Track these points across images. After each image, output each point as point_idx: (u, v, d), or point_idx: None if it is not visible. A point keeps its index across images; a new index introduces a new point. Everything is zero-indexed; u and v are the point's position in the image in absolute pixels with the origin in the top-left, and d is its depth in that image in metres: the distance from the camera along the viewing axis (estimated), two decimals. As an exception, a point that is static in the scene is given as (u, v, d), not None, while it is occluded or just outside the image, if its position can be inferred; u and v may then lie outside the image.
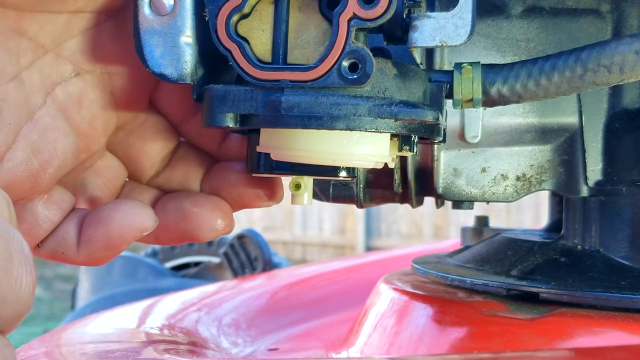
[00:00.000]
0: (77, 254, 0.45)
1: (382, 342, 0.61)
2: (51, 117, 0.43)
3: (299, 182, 0.45)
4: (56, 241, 0.45)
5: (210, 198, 0.48)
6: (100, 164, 0.48)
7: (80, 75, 0.45)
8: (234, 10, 0.42)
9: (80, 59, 0.44)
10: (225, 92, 0.42)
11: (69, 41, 0.44)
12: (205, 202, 0.47)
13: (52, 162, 0.43)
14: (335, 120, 0.41)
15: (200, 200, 0.47)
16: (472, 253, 0.68)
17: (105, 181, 0.48)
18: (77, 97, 0.45)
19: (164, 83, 0.46)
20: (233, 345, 0.79)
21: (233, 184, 0.48)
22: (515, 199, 0.60)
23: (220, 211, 0.48)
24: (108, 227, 0.44)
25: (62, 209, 0.45)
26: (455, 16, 0.42)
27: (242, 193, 0.48)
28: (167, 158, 0.50)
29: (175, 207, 0.48)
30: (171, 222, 0.47)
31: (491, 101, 0.47)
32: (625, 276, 0.55)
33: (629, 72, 0.45)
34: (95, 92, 0.45)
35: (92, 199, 0.48)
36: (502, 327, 0.53)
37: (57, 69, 0.44)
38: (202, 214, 0.47)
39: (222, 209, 0.48)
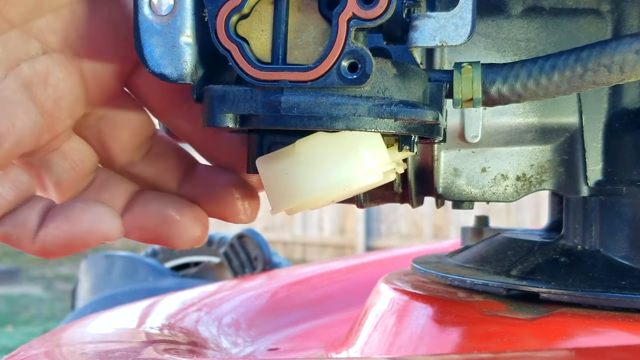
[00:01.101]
0: (32, 243, 0.44)
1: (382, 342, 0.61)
2: (11, 92, 0.43)
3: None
4: (13, 224, 0.44)
5: (192, 207, 0.47)
6: (67, 147, 0.47)
7: (48, 54, 0.44)
8: (233, 10, 0.42)
9: (49, 38, 0.44)
10: (225, 92, 0.42)
11: (38, 19, 0.43)
12: (188, 211, 0.47)
13: (8, 137, 0.42)
14: (335, 120, 0.41)
15: (183, 208, 0.47)
16: (472, 253, 0.68)
17: (73, 164, 0.47)
18: (44, 75, 0.44)
19: (143, 70, 0.45)
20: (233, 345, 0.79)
21: (217, 198, 0.48)
22: (516, 198, 0.60)
23: (200, 222, 0.47)
24: (74, 228, 0.43)
25: (17, 189, 0.44)
26: (455, 16, 0.42)
27: (224, 209, 0.48)
28: (142, 148, 0.49)
29: (156, 210, 0.47)
30: (150, 224, 0.47)
31: (491, 101, 0.47)
32: (625, 276, 0.55)
33: (629, 71, 0.45)
34: (63, 72, 0.44)
35: (58, 181, 0.47)
36: (502, 327, 0.53)
37: (23, 45, 0.43)
38: (184, 222, 0.47)
39: (202, 220, 0.48)
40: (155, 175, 0.49)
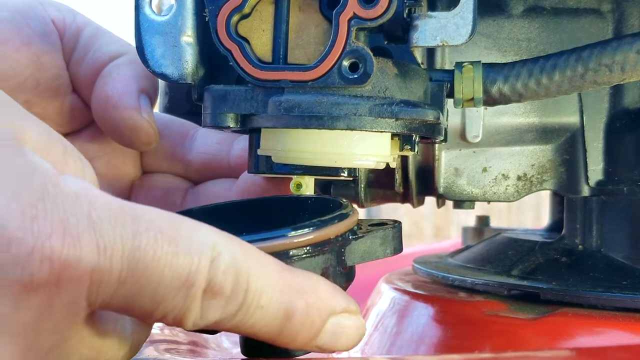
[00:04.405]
0: None
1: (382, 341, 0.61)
2: None
3: (300, 182, 0.45)
4: None
5: None
6: None
7: None
8: (234, 10, 0.42)
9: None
10: (226, 92, 0.42)
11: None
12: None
13: None
14: (336, 120, 0.41)
15: None
16: (473, 253, 0.68)
17: None
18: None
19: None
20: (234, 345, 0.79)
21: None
22: (516, 198, 0.60)
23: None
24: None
25: None
26: (456, 16, 0.42)
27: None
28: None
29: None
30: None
31: (492, 100, 0.47)
32: (626, 276, 0.55)
33: (630, 71, 0.45)
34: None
35: None
36: (503, 327, 0.53)
37: None
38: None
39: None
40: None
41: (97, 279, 0.30)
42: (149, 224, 0.31)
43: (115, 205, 0.31)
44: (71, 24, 0.53)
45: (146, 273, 0.31)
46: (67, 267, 0.29)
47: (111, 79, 0.51)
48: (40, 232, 0.29)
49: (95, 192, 0.31)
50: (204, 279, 0.32)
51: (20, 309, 0.29)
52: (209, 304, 0.32)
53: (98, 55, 0.52)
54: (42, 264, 0.29)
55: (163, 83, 0.63)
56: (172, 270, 0.31)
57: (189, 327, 0.33)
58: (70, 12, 0.53)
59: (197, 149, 0.55)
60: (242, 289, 0.33)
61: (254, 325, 0.34)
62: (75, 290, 0.30)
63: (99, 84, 0.51)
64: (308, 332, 0.35)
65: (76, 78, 0.53)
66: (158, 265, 0.31)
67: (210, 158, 0.55)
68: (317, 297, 0.35)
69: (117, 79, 0.51)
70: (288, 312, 0.34)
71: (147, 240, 0.31)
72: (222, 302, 0.33)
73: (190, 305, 0.32)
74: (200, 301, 0.32)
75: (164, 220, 0.32)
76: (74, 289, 0.30)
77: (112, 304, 0.32)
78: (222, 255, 0.32)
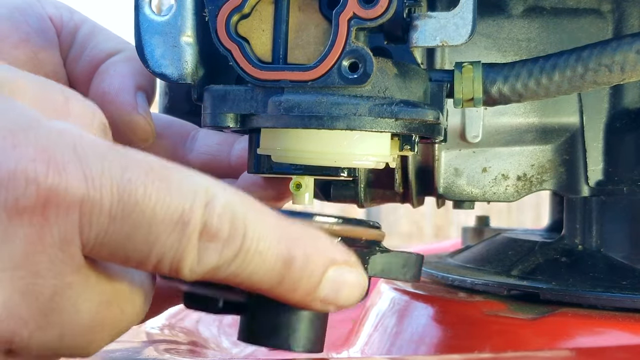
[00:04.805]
0: None
1: (382, 342, 0.61)
2: None
3: (300, 182, 0.45)
4: None
5: None
6: None
7: None
8: (234, 10, 0.42)
9: None
10: (226, 92, 0.43)
11: None
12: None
13: None
14: (336, 120, 0.41)
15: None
16: (473, 253, 0.68)
17: None
18: None
19: None
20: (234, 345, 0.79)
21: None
22: (516, 198, 0.60)
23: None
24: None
25: None
26: (456, 16, 0.42)
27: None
28: None
29: None
30: None
31: (492, 100, 0.47)
32: (626, 276, 0.55)
33: (630, 71, 0.45)
34: None
35: None
36: (503, 327, 0.53)
37: None
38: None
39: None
40: None
41: (87, 211, 0.29)
42: (139, 161, 0.31)
43: (103, 143, 0.31)
44: (68, 21, 0.53)
45: (137, 208, 0.30)
46: (54, 193, 0.28)
47: (108, 76, 0.51)
48: (23, 156, 0.28)
49: (82, 132, 0.30)
50: (198, 220, 0.31)
51: (8, 239, 0.28)
52: (205, 246, 0.32)
53: (95, 52, 0.52)
54: (27, 186, 0.28)
55: (163, 83, 0.63)
56: (165, 207, 0.30)
57: (187, 273, 0.32)
58: (67, 9, 0.54)
59: (197, 149, 0.56)
60: (239, 234, 0.32)
61: (253, 274, 0.33)
62: (65, 221, 0.29)
63: (96, 80, 0.51)
64: (308, 282, 0.35)
65: (73, 75, 0.53)
66: (150, 201, 0.30)
67: (210, 159, 0.55)
68: (316, 247, 0.35)
69: (114, 75, 0.51)
70: (287, 259, 0.34)
71: (137, 175, 0.30)
72: (219, 246, 0.32)
73: (186, 247, 0.31)
74: (196, 243, 0.31)
75: (155, 161, 0.31)
76: (64, 221, 0.29)
77: (105, 245, 0.31)
78: (217, 198, 0.32)
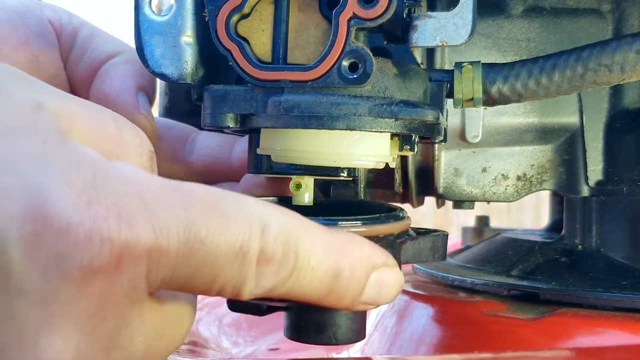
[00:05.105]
0: None
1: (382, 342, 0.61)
2: None
3: (300, 182, 0.45)
4: None
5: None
6: None
7: None
8: (233, 10, 0.42)
9: None
10: (225, 92, 0.42)
11: None
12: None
13: None
14: (336, 120, 0.41)
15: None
16: (473, 253, 0.68)
17: None
18: None
19: None
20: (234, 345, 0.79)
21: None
22: (516, 198, 0.60)
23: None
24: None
25: None
26: (456, 16, 0.42)
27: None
28: None
29: None
30: None
31: (492, 100, 0.47)
32: (626, 276, 0.55)
33: (629, 71, 0.45)
34: None
35: None
36: (503, 327, 0.53)
37: None
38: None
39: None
40: None
41: (156, 258, 0.31)
42: (199, 199, 0.32)
43: (165, 186, 0.32)
44: (67, 24, 0.53)
45: (202, 247, 0.32)
46: (126, 248, 0.30)
47: (109, 77, 0.51)
48: (97, 215, 0.29)
49: (143, 175, 0.32)
50: (256, 248, 0.33)
51: (82, 295, 0.30)
52: (262, 271, 0.34)
53: (95, 54, 0.52)
54: (102, 247, 0.29)
55: (163, 83, 0.63)
56: (226, 241, 0.32)
57: (246, 296, 0.34)
58: (66, 13, 0.54)
59: (198, 151, 0.56)
60: (292, 253, 0.34)
61: (305, 288, 0.35)
62: (134, 271, 0.31)
63: (97, 82, 0.52)
64: (354, 289, 0.37)
65: (73, 77, 0.53)
66: (213, 238, 0.32)
67: (211, 161, 0.55)
68: (360, 254, 0.37)
69: (115, 77, 0.51)
70: (336, 271, 0.36)
71: (199, 215, 0.32)
72: (275, 268, 0.34)
73: (247, 274, 0.33)
74: (255, 269, 0.33)
75: (212, 194, 0.33)
76: (134, 270, 0.31)
77: (172, 282, 0.32)
78: (271, 223, 0.34)
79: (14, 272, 0.29)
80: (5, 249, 0.29)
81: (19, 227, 0.29)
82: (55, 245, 0.29)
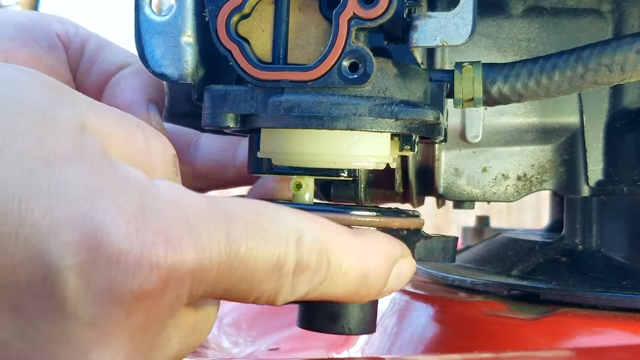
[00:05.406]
0: None
1: (383, 342, 0.61)
2: None
3: (300, 182, 0.45)
4: None
5: None
6: None
7: None
8: (234, 10, 0.42)
9: None
10: (226, 92, 0.42)
11: None
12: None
13: None
14: (336, 120, 0.41)
15: None
16: (473, 253, 0.68)
17: None
18: None
19: None
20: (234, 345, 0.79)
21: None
22: (516, 198, 0.60)
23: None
24: None
25: None
26: (456, 16, 0.42)
27: None
28: None
29: None
30: None
31: (492, 100, 0.47)
32: (626, 276, 0.55)
33: (630, 71, 0.45)
34: None
35: None
36: (503, 327, 0.53)
37: None
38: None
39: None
40: None
41: (198, 277, 0.32)
42: (238, 217, 0.34)
43: (205, 205, 0.33)
44: (75, 36, 0.53)
45: (242, 264, 0.33)
46: (172, 272, 0.31)
47: (119, 89, 0.51)
48: (146, 241, 0.31)
49: (185, 194, 0.34)
50: (292, 260, 0.35)
51: (131, 316, 0.32)
52: (297, 280, 0.35)
53: (104, 66, 0.53)
54: (150, 272, 0.31)
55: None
56: (264, 256, 0.34)
57: (280, 303, 0.36)
58: (73, 25, 0.54)
59: (202, 156, 0.56)
60: (324, 261, 0.36)
61: (336, 291, 0.37)
62: (178, 290, 0.32)
63: (107, 94, 0.52)
64: (380, 285, 0.39)
65: (83, 90, 0.53)
66: (251, 254, 0.33)
67: (216, 165, 0.56)
68: (383, 253, 0.39)
69: (125, 88, 0.51)
70: (364, 272, 0.38)
71: (239, 233, 0.33)
72: (309, 277, 0.36)
73: (283, 285, 0.35)
74: (290, 279, 0.35)
75: (249, 210, 0.34)
76: (178, 290, 0.32)
77: (212, 295, 0.34)
78: (305, 234, 0.35)
79: (69, 297, 0.30)
80: (60, 275, 0.30)
81: (74, 254, 0.30)
82: (107, 272, 0.31)
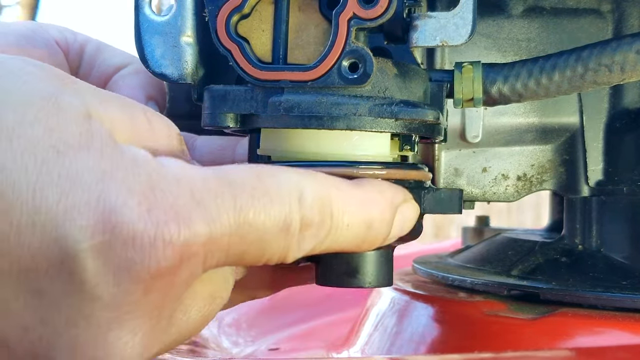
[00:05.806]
0: None
1: (382, 342, 0.61)
2: None
3: (300, 182, 0.45)
4: None
5: None
6: None
7: None
8: (234, 10, 0.42)
9: None
10: (226, 92, 0.42)
11: None
12: None
13: None
14: (336, 120, 0.41)
15: None
16: (473, 253, 0.68)
17: None
18: None
19: None
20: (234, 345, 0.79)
21: None
22: (516, 198, 0.60)
23: None
24: None
25: None
26: (456, 16, 0.42)
27: None
28: None
29: None
30: None
31: (492, 100, 0.47)
32: (626, 276, 0.55)
33: (630, 71, 0.45)
34: None
35: None
36: (503, 327, 0.53)
37: None
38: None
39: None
40: None
41: (211, 249, 0.33)
42: (242, 185, 0.35)
43: (210, 177, 0.34)
44: (73, 42, 0.54)
45: (251, 230, 0.34)
46: (186, 246, 0.32)
47: (117, 88, 0.52)
48: (159, 221, 0.32)
49: (190, 170, 0.34)
50: (298, 219, 0.36)
51: (149, 293, 0.33)
52: (303, 236, 0.36)
53: (103, 68, 0.53)
54: (165, 250, 0.32)
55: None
56: (271, 218, 0.35)
57: (290, 261, 0.37)
58: (70, 32, 0.55)
59: (201, 157, 0.56)
60: (327, 215, 0.37)
61: (342, 242, 0.38)
62: (193, 264, 0.33)
63: None
64: (384, 232, 0.40)
65: None
66: (259, 219, 0.35)
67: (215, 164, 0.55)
68: (385, 201, 0.40)
69: (124, 87, 0.52)
70: (368, 222, 0.39)
71: (245, 200, 0.34)
72: (314, 231, 0.37)
73: (291, 243, 0.36)
74: (297, 237, 0.36)
75: (251, 176, 0.35)
76: (193, 264, 0.33)
77: (225, 262, 0.35)
78: (306, 191, 0.36)
79: (88, 279, 0.32)
80: (78, 258, 0.31)
81: (90, 237, 0.31)
82: (124, 253, 0.32)
